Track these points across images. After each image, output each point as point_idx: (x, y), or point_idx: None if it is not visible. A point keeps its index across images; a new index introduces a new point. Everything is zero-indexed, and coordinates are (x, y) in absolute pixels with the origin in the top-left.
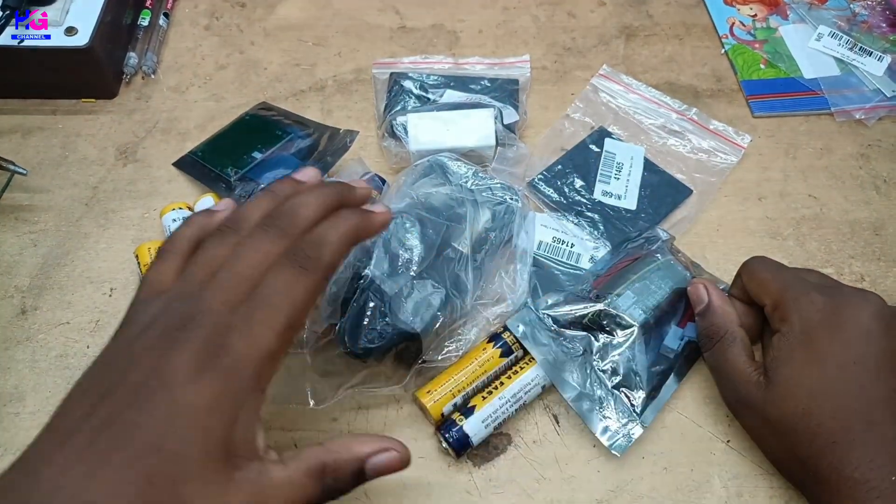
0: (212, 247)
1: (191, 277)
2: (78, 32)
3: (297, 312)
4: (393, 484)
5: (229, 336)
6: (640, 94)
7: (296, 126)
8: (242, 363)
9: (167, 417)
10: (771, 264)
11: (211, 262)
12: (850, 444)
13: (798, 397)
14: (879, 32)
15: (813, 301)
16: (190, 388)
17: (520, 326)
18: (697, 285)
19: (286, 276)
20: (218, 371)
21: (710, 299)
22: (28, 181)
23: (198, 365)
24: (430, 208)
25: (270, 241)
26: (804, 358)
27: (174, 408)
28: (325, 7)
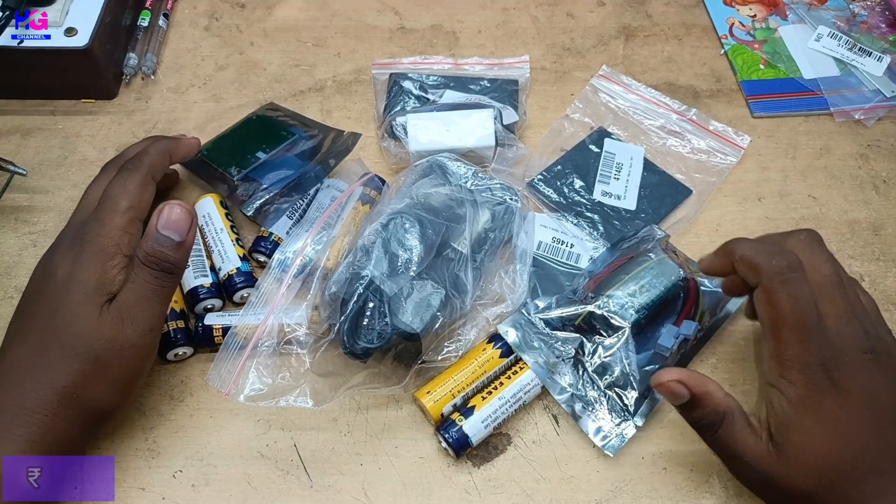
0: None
1: None
2: (78, 33)
3: (132, 196)
4: (393, 483)
5: (86, 227)
6: (639, 95)
7: (300, 127)
8: (98, 235)
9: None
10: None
11: None
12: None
13: (819, 469)
14: (879, 33)
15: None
16: (67, 267)
17: (509, 332)
18: (667, 384)
19: (118, 178)
20: (83, 248)
21: (692, 390)
22: (28, 182)
23: (69, 253)
24: (429, 209)
25: (107, 173)
26: (813, 425)
27: (59, 284)
28: (324, 8)
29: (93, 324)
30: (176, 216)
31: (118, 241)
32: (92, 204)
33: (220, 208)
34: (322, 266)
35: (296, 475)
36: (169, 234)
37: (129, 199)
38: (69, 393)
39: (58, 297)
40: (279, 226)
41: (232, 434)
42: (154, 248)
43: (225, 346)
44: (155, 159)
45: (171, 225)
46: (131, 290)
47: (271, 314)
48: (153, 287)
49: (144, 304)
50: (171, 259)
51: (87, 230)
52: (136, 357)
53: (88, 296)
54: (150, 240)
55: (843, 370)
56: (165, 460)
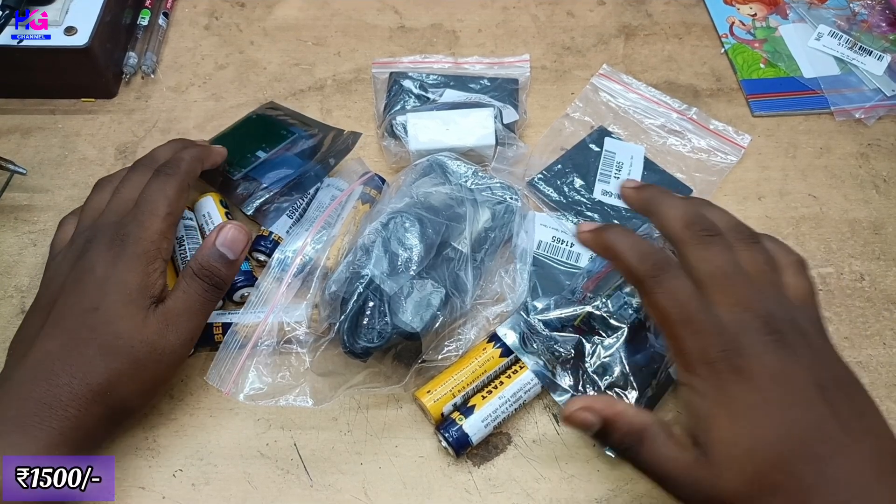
0: (94, 198)
1: (82, 222)
2: (77, 32)
3: (172, 201)
4: (393, 483)
5: (125, 229)
6: (639, 94)
7: (300, 126)
8: (140, 238)
9: (96, 289)
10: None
11: (97, 205)
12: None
13: (743, 463)
14: (879, 32)
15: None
16: (107, 267)
17: (508, 334)
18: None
19: (157, 182)
20: (123, 249)
21: (601, 413)
22: (27, 181)
23: (109, 253)
24: (429, 208)
25: (140, 175)
26: (728, 415)
27: (99, 282)
28: (324, 7)
29: (136, 325)
30: (233, 235)
31: (158, 246)
32: (126, 205)
33: (220, 207)
34: (322, 265)
35: (296, 474)
36: (225, 251)
37: (168, 205)
38: (102, 390)
39: (97, 295)
40: (279, 225)
41: (232, 433)
42: (209, 262)
43: (225, 346)
44: (191, 166)
45: (229, 243)
46: (181, 298)
47: (271, 313)
48: (201, 299)
49: (190, 315)
50: (222, 275)
51: (127, 232)
52: (171, 363)
53: (132, 297)
54: (206, 253)
55: (746, 356)
56: (165, 459)
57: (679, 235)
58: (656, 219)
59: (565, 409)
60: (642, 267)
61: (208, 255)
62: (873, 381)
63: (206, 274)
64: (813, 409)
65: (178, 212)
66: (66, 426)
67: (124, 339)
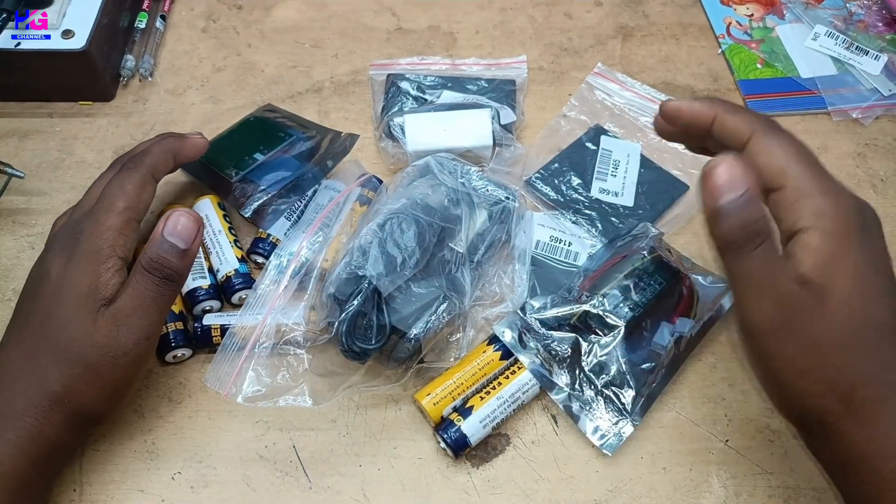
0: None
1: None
2: (75, 35)
3: (130, 196)
4: (392, 484)
5: (81, 226)
6: (635, 92)
7: (298, 129)
8: (91, 236)
9: (50, 293)
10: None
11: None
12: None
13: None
14: (876, 32)
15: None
16: (61, 268)
17: (506, 332)
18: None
19: (117, 178)
20: (77, 250)
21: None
22: (25, 184)
23: (63, 253)
24: (426, 209)
25: (110, 171)
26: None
27: (53, 286)
28: (322, 9)
29: (87, 329)
30: (183, 224)
31: (112, 243)
32: (91, 202)
33: (218, 210)
34: (319, 266)
35: (295, 476)
36: (175, 241)
37: (126, 200)
38: (59, 397)
39: (51, 300)
40: (277, 227)
41: (231, 435)
42: (158, 255)
43: (223, 348)
44: (157, 158)
45: (178, 232)
46: (130, 296)
47: (269, 314)
48: (153, 295)
49: (142, 312)
50: (174, 266)
51: (80, 230)
52: (129, 364)
53: (82, 300)
54: (155, 246)
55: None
56: (164, 462)
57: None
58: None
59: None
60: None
61: (157, 246)
62: None
63: (155, 267)
64: None
65: (137, 206)
66: (23, 436)
67: (76, 345)
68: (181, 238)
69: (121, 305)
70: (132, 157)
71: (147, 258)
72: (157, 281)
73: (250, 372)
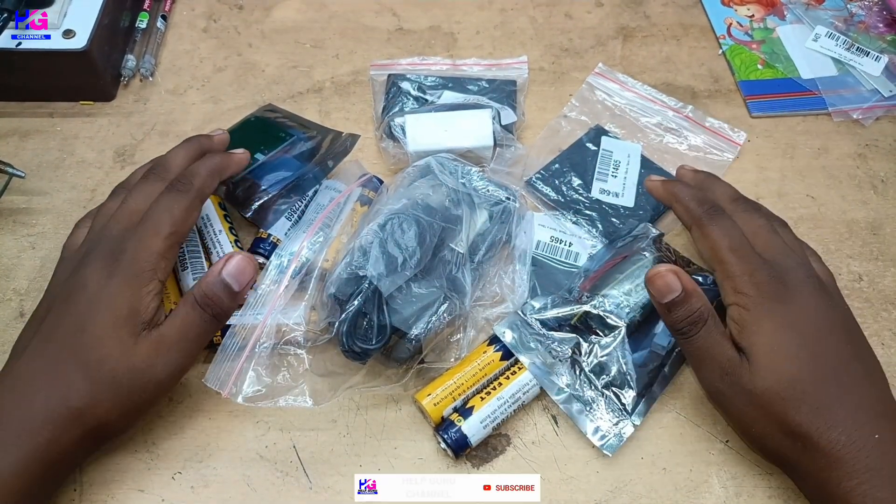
0: (107, 204)
1: (92, 228)
2: (76, 35)
3: (177, 221)
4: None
5: (125, 244)
6: (635, 92)
7: (299, 129)
8: (136, 259)
9: (86, 308)
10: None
11: (107, 212)
12: (831, 406)
13: (780, 365)
14: (876, 32)
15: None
16: (100, 284)
17: (506, 332)
18: (665, 274)
19: (166, 199)
20: (119, 268)
21: (685, 287)
22: (26, 184)
23: (104, 268)
24: (427, 209)
25: (151, 184)
26: (772, 327)
27: (90, 300)
28: (322, 9)
29: (125, 350)
30: (242, 267)
31: (155, 267)
32: (131, 217)
33: (219, 210)
34: (320, 266)
35: (295, 477)
36: (231, 281)
37: (173, 224)
38: (80, 413)
39: (86, 314)
40: (278, 227)
41: (231, 436)
42: (213, 292)
43: (223, 347)
44: (205, 182)
45: (235, 274)
46: (177, 326)
47: (270, 314)
48: (198, 330)
49: (184, 344)
50: (224, 306)
51: (124, 248)
52: (158, 391)
53: (122, 320)
54: (211, 283)
55: (790, 285)
56: (164, 462)
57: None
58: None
59: (653, 269)
60: (701, 209)
61: (213, 283)
62: None
63: (208, 303)
64: (841, 346)
65: (183, 231)
66: (37, 448)
67: (109, 365)
68: (237, 280)
69: (166, 333)
70: (181, 178)
71: (202, 293)
72: (205, 317)
73: (251, 372)
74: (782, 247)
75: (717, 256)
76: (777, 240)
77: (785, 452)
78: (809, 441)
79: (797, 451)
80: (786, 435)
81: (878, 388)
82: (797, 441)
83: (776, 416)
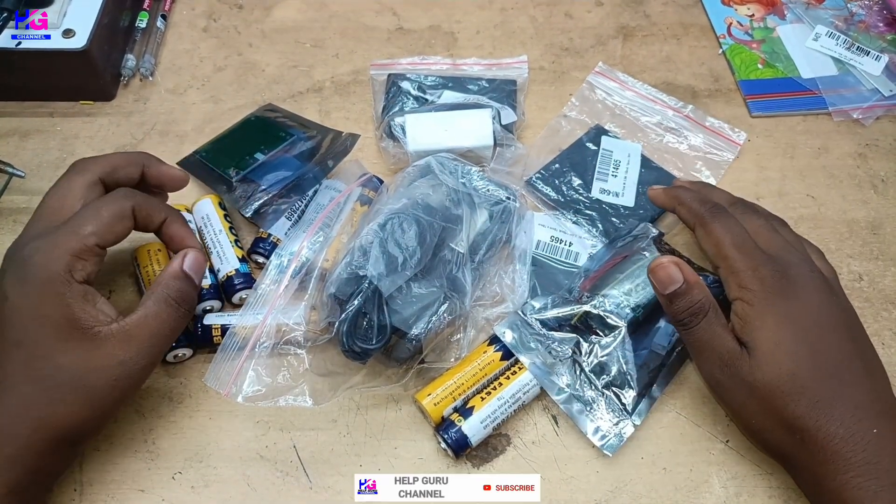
0: None
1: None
2: (75, 35)
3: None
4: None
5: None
6: (636, 92)
7: (298, 128)
8: (47, 263)
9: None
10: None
11: None
12: (830, 401)
13: (781, 359)
14: (877, 32)
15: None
16: (19, 294)
17: (506, 332)
18: (668, 266)
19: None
20: (28, 273)
21: (687, 278)
22: (26, 184)
23: (16, 276)
24: (427, 209)
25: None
26: (775, 322)
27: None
28: (322, 9)
29: (82, 354)
30: (199, 260)
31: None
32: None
33: (219, 210)
34: (320, 266)
35: (295, 476)
36: (193, 275)
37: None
38: (43, 424)
39: (18, 328)
40: (278, 227)
41: (231, 435)
42: (183, 288)
43: (223, 347)
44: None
45: (196, 269)
46: (149, 325)
47: (270, 314)
48: (174, 325)
49: (157, 340)
50: (193, 300)
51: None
52: (129, 387)
53: (64, 330)
54: (179, 280)
55: (793, 280)
56: (165, 462)
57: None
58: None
59: (656, 260)
60: (703, 208)
61: (182, 281)
62: None
63: (183, 299)
64: (843, 343)
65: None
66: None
67: (68, 371)
68: (196, 274)
69: (134, 331)
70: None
71: (177, 291)
72: (181, 312)
73: (250, 372)
74: (784, 244)
75: (721, 253)
76: (778, 237)
77: (783, 446)
78: (807, 434)
79: (795, 445)
80: (784, 428)
81: (879, 386)
82: (795, 434)
83: (775, 410)
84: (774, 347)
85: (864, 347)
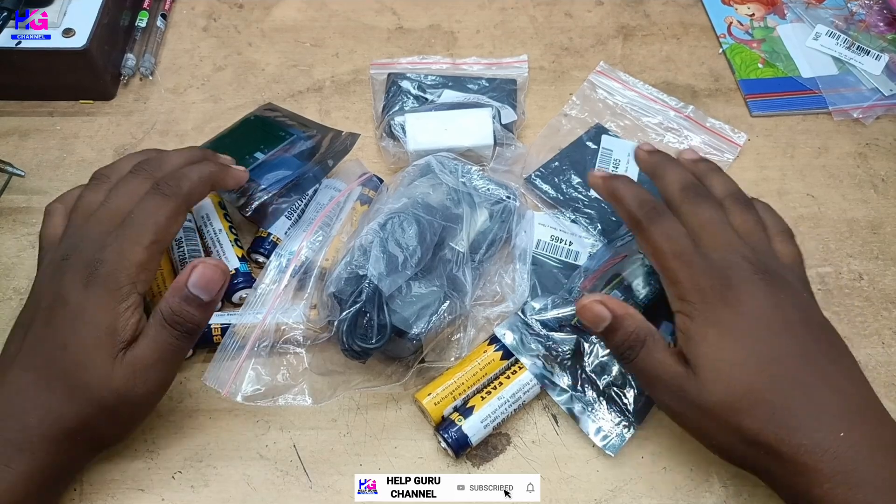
0: (87, 195)
1: (73, 222)
2: (76, 34)
3: (161, 229)
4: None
5: (103, 252)
6: (637, 92)
7: (298, 128)
8: (116, 271)
9: (65, 324)
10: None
11: (88, 206)
12: (789, 410)
13: (728, 374)
14: (877, 31)
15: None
16: (78, 299)
17: (507, 334)
18: (591, 306)
19: (150, 202)
20: (97, 279)
21: (614, 312)
22: (26, 183)
23: (82, 279)
24: (427, 208)
25: (138, 182)
26: (717, 335)
27: (69, 317)
28: (322, 8)
29: (103, 374)
30: (209, 275)
31: (135, 279)
32: (113, 217)
33: (219, 209)
34: (319, 266)
35: (295, 476)
36: (198, 292)
37: (156, 233)
38: (75, 433)
39: (68, 330)
40: (278, 226)
41: (231, 435)
42: (181, 308)
43: (223, 347)
44: (195, 188)
45: (203, 283)
46: (150, 348)
47: (269, 313)
48: (172, 349)
49: (160, 366)
50: (195, 320)
51: (102, 258)
52: (146, 405)
53: (101, 340)
54: (178, 297)
55: (735, 288)
56: (164, 461)
57: (674, 196)
58: (659, 181)
59: (581, 300)
60: (641, 211)
61: (181, 298)
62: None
63: (177, 321)
64: (800, 340)
65: (166, 239)
66: (36, 466)
67: (92, 388)
68: (205, 290)
69: (140, 355)
70: (169, 178)
71: (169, 310)
72: (176, 335)
73: (250, 371)
74: (729, 241)
75: (659, 263)
76: (726, 232)
77: (751, 461)
78: (771, 449)
79: (763, 459)
80: (747, 444)
81: (847, 383)
82: (759, 449)
83: (732, 428)
84: (719, 363)
85: (827, 345)
